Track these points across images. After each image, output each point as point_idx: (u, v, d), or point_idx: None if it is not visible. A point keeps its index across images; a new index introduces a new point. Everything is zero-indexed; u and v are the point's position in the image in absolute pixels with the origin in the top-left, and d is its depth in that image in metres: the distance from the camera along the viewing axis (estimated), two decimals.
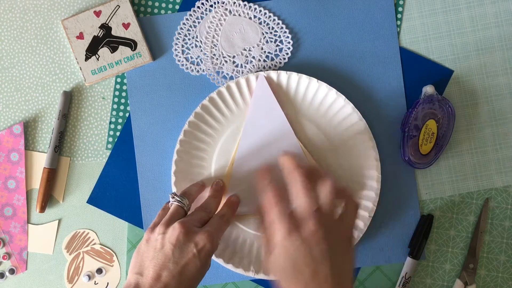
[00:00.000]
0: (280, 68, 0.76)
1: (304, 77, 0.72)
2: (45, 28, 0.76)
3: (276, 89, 0.73)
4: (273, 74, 0.72)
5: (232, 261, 0.72)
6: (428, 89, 0.73)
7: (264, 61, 0.76)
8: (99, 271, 0.75)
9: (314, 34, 0.76)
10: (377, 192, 0.72)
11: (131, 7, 0.75)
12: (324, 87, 0.72)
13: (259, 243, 0.73)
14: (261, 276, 0.71)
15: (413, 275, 0.75)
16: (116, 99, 0.76)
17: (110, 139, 0.76)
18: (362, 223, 0.72)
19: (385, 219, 0.75)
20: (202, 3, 0.76)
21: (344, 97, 0.72)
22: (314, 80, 0.72)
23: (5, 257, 0.75)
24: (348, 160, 0.73)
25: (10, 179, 0.76)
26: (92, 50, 0.75)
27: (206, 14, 0.76)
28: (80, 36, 0.75)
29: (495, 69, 0.76)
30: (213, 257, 0.72)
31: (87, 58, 0.75)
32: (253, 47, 0.76)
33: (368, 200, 0.72)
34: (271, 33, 0.76)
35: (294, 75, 0.72)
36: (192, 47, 0.76)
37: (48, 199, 0.75)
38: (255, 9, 0.76)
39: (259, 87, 0.72)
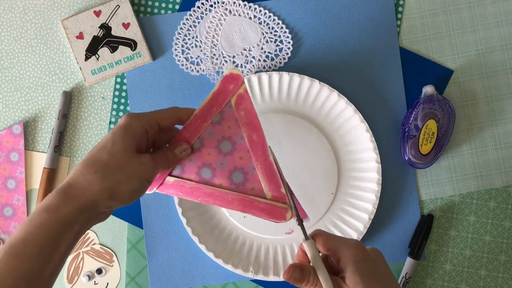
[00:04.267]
0: (280, 68, 0.76)
1: (306, 79, 0.72)
2: (45, 28, 0.76)
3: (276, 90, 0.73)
4: (275, 75, 0.72)
5: (231, 261, 0.72)
6: (428, 89, 0.73)
7: (264, 61, 0.76)
8: (99, 271, 0.75)
9: (314, 34, 0.76)
10: (377, 195, 0.72)
11: (131, 7, 0.75)
12: (326, 89, 0.72)
13: (258, 243, 0.73)
14: (260, 276, 0.71)
15: (413, 275, 0.75)
16: (116, 99, 0.76)
17: None
18: (361, 225, 0.72)
19: (385, 219, 0.75)
20: (202, 3, 0.76)
21: (346, 99, 0.72)
22: (316, 81, 0.72)
23: None
24: (349, 163, 0.73)
25: (10, 179, 0.76)
26: (92, 50, 0.75)
27: (206, 14, 0.76)
28: (80, 36, 0.75)
29: (495, 69, 0.76)
30: (213, 257, 0.72)
31: (87, 58, 0.75)
32: (253, 47, 0.76)
33: (368, 202, 0.72)
34: (271, 33, 0.76)
35: (296, 77, 0.72)
36: (192, 47, 0.76)
37: None
38: (255, 9, 0.76)
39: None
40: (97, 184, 0.49)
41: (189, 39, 0.76)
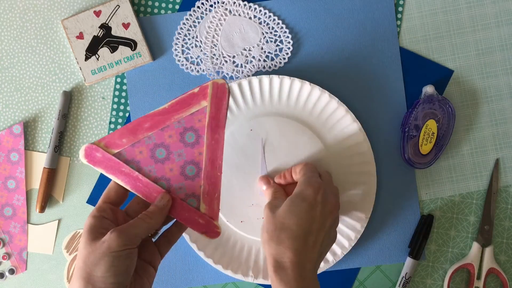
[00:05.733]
0: (280, 68, 0.75)
1: (297, 81, 0.71)
2: (45, 28, 0.76)
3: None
4: (276, 79, 0.72)
5: (230, 266, 0.72)
6: (428, 89, 0.73)
7: (264, 61, 0.76)
8: None
9: (314, 34, 0.76)
10: (374, 193, 0.72)
11: (131, 7, 0.75)
12: (316, 90, 0.72)
13: (257, 248, 0.73)
14: (259, 280, 0.71)
15: (413, 275, 0.75)
16: (116, 99, 0.76)
17: None
18: (359, 225, 0.72)
19: (385, 219, 0.75)
20: (202, 3, 0.76)
21: (337, 99, 0.72)
22: (307, 83, 0.72)
23: (5, 257, 0.75)
24: (343, 162, 0.73)
25: (10, 179, 0.76)
26: (92, 50, 0.75)
27: (206, 14, 0.76)
28: (80, 36, 0.75)
29: (495, 69, 0.76)
30: (212, 263, 0.72)
31: (87, 58, 0.75)
32: (253, 47, 0.76)
33: (365, 201, 0.72)
34: (271, 33, 0.76)
35: (286, 79, 0.71)
36: (192, 47, 0.76)
37: (48, 199, 0.75)
38: (255, 9, 0.76)
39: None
40: (75, 285, 0.52)
41: (189, 39, 0.76)
